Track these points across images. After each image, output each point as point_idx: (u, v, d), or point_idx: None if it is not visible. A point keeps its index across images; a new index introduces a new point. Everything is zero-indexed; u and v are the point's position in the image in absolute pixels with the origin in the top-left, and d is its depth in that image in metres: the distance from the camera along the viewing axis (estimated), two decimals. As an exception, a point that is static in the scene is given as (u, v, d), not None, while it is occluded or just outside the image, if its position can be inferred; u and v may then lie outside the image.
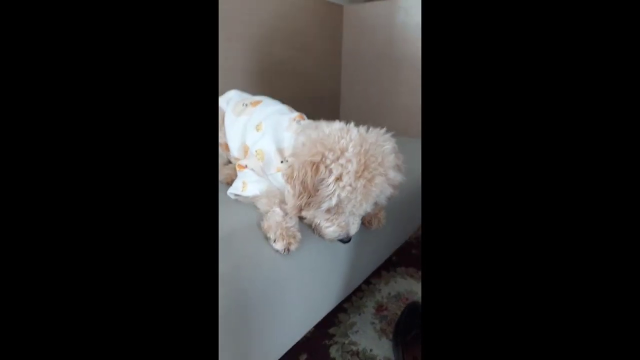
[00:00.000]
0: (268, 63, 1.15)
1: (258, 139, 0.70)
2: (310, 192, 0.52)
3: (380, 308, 1.03)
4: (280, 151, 0.66)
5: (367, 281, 1.12)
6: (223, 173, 0.79)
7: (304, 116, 0.72)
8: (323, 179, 0.51)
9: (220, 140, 0.81)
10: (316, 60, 1.35)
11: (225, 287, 0.45)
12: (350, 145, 0.52)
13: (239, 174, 0.70)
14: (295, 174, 0.52)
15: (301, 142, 0.56)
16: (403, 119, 1.32)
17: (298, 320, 0.62)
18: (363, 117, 0.66)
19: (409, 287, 1.12)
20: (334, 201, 0.52)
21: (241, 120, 0.77)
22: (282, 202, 0.60)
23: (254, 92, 0.95)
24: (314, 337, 0.90)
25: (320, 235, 0.59)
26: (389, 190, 0.55)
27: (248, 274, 0.50)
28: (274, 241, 0.54)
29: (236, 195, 0.68)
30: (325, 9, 1.39)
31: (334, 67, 1.44)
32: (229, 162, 0.85)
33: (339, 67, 1.46)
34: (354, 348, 0.89)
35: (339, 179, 0.51)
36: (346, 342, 0.91)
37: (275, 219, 0.56)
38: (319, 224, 0.58)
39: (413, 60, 1.28)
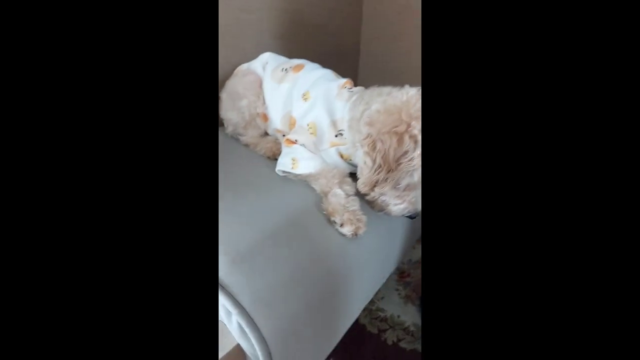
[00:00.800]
0: (286, 19, 1.04)
1: (307, 110, 0.63)
2: (390, 165, 0.47)
3: (402, 274, 1.05)
4: (333, 123, 0.60)
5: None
6: (264, 146, 0.72)
7: (352, 82, 0.66)
8: (407, 152, 0.46)
9: (257, 110, 0.73)
10: (334, 12, 1.23)
11: (307, 276, 0.43)
12: None
13: (285, 149, 0.64)
14: (378, 145, 0.47)
15: (375, 109, 0.50)
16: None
17: (364, 292, 0.63)
18: (382, 76, 0.60)
19: (427, 253, 1.14)
20: (415, 177, 0.48)
21: (283, 88, 0.69)
22: (342, 182, 0.56)
23: (275, 49, 0.86)
24: (343, 305, 0.91)
25: (385, 212, 0.56)
26: None
27: (323, 262, 0.48)
28: (341, 225, 0.51)
29: (285, 172, 0.62)
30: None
31: (354, 21, 1.33)
32: (266, 133, 0.78)
33: (359, 20, 1.35)
34: (382, 314, 0.91)
35: None
36: (373, 308, 0.93)
37: (339, 202, 0.53)
38: (385, 201, 0.54)
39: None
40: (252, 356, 0.42)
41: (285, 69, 0.71)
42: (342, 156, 0.61)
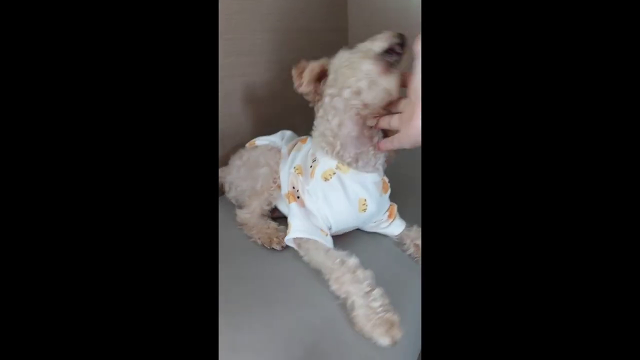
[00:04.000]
0: (280, 70, 1.03)
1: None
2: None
3: None
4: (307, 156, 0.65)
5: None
6: (261, 231, 0.67)
7: None
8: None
9: (277, 183, 0.71)
10: (325, 53, 1.23)
11: None
12: None
13: (288, 209, 0.66)
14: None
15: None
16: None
17: None
18: None
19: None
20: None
21: (290, 157, 0.70)
22: (354, 278, 0.51)
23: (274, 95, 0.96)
24: None
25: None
26: None
27: None
28: (372, 338, 0.46)
29: (292, 240, 0.61)
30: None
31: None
32: (273, 209, 0.74)
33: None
34: None
35: None
36: None
37: (363, 309, 0.48)
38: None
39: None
40: None
41: (295, 144, 0.73)
42: (325, 179, 0.60)
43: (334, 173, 0.59)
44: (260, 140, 0.79)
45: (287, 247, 0.63)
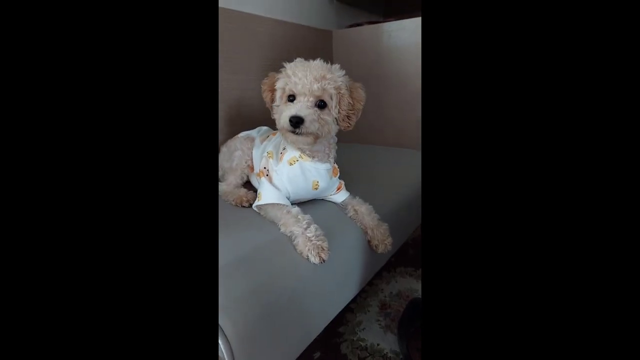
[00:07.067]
0: None
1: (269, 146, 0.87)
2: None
3: (383, 306, 1.11)
4: (278, 145, 0.84)
5: (370, 282, 1.19)
6: (236, 194, 0.87)
7: None
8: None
9: (248, 163, 0.94)
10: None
11: (262, 295, 0.56)
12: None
13: (259, 183, 0.84)
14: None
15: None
16: (391, 130, 1.45)
17: (321, 311, 0.71)
18: (356, 129, 0.80)
19: (408, 285, 1.21)
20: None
21: (263, 145, 0.92)
22: (296, 220, 0.69)
23: (261, 118, 1.12)
24: (326, 336, 0.98)
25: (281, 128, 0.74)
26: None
27: (278, 283, 0.60)
28: (307, 257, 0.64)
29: (257, 206, 0.78)
30: (316, 36, 1.53)
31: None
32: (247, 182, 0.95)
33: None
34: (362, 344, 0.96)
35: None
36: (355, 338, 0.98)
37: (301, 238, 0.66)
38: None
39: (398, 79, 1.40)
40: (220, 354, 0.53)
41: (268, 136, 0.94)
42: (290, 164, 0.79)
43: (297, 160, 0.79)
44: (242, 133, 1.03)
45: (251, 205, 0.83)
